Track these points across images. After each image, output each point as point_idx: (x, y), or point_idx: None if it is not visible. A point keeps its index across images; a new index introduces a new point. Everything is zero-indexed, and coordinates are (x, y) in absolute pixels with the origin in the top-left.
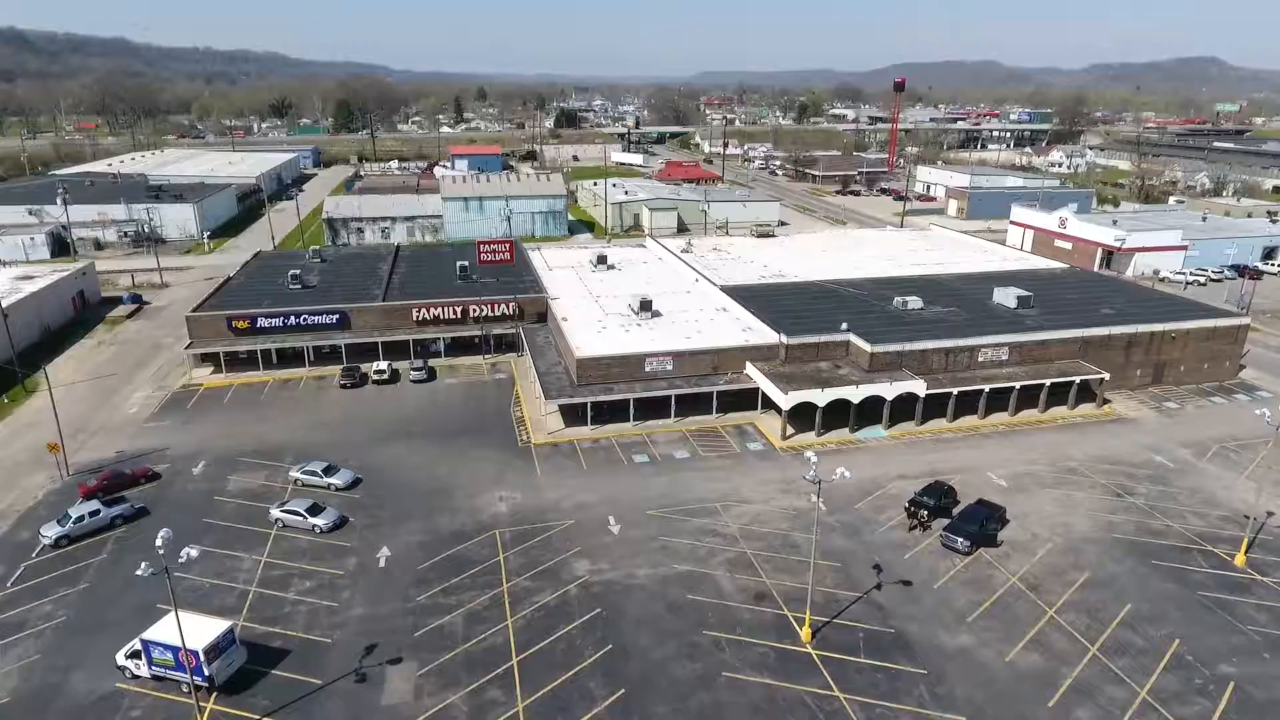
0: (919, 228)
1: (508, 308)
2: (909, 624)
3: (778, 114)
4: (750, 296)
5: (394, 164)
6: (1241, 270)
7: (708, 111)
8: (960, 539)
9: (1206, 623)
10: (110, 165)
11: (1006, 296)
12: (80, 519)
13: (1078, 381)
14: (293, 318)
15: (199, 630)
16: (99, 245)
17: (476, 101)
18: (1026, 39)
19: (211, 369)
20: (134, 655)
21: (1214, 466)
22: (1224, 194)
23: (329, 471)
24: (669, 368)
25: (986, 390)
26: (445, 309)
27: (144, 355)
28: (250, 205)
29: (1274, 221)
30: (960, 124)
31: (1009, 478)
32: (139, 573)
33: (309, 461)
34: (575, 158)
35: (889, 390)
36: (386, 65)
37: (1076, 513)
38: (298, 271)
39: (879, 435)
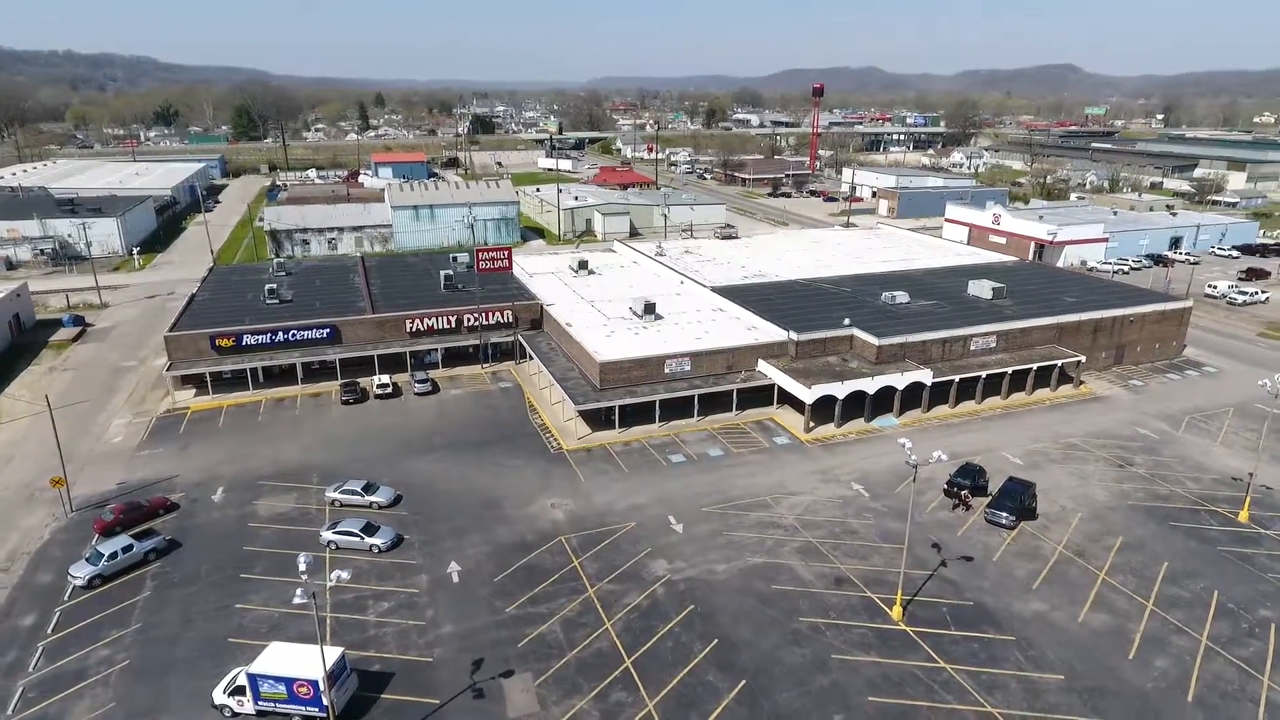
0: (868, 227)
1: (502, 315)
2: (983, 596)
3: (685, 119)
4: (743, 296)
5: (312, 173)
6: (1157, 259)
7: (616, 117)
8: (1004, 514)
9: (1233, 574)
10: (1, 178)
11: (981, 289)
12: (113, 556)
13: (1059, 365)
14: (281, 333)
15: (312, 659)
16: (10, 264)
17: (376, 108)
18: (904, 46)
19: (195, 391)
20: (236, 692)
21: (1191, 436)
22: (1119, 190)
23: (369, 489)
24: (687, 368)
25: (983, 376)
26: (440, 319)
27: (107, 380)
28: (168, 218)
29: (1174, 215)
30: (859, 128)
31: (1022, 456)
32: (297, 600)
33: (345, 481)
34: (499, 164)
35: (900, 380)
36: (267, 70)
37: (1091, 484)
38: (274, 286)
39: (892, 424)
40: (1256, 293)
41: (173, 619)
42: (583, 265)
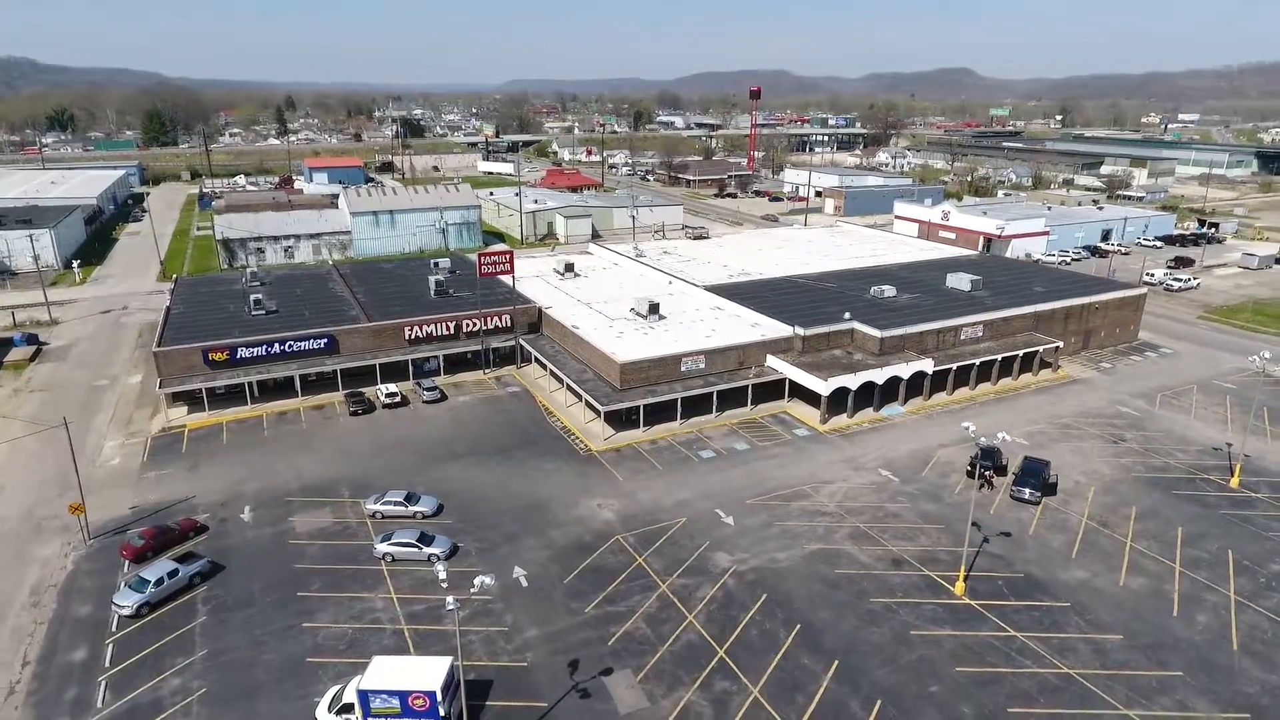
0: (828, 225)
1: (501, 320)
2: (1030, 567)
3: (616, 122)
4: (737, 294)
5: (240, 179)
6: (1093, 250)
7: (541, 120)
8: (1027, 491)
9: (1239, 534)
10: None
11: (960, 281)
12: (159, 582)
13: (1041, 350)
14: (277, 345)
15: (424, 670)
16: None
17: (287, 111)
18: (812, 50)
19: (187, 408)
20: (344, 710)
21: (1167, 411)
22: (1047, 187)
23: (411, 500)
24: (701, 365)
25: (977, 364)
26: (439, 325)
27: (83, 400)
28: (96, 229)
29: (1100, 209)
30: (782, 129)
31: (1025, 436)
32: (449, 608)
33: (384, 492)
34: (435, 168)
35: (906, 370)
36: (160, 72)
37: (1093, 460)
38: (259, 296)
39: (898, 412)
40: (1189, 279)
41: (240, 643)
42: (569, 268)
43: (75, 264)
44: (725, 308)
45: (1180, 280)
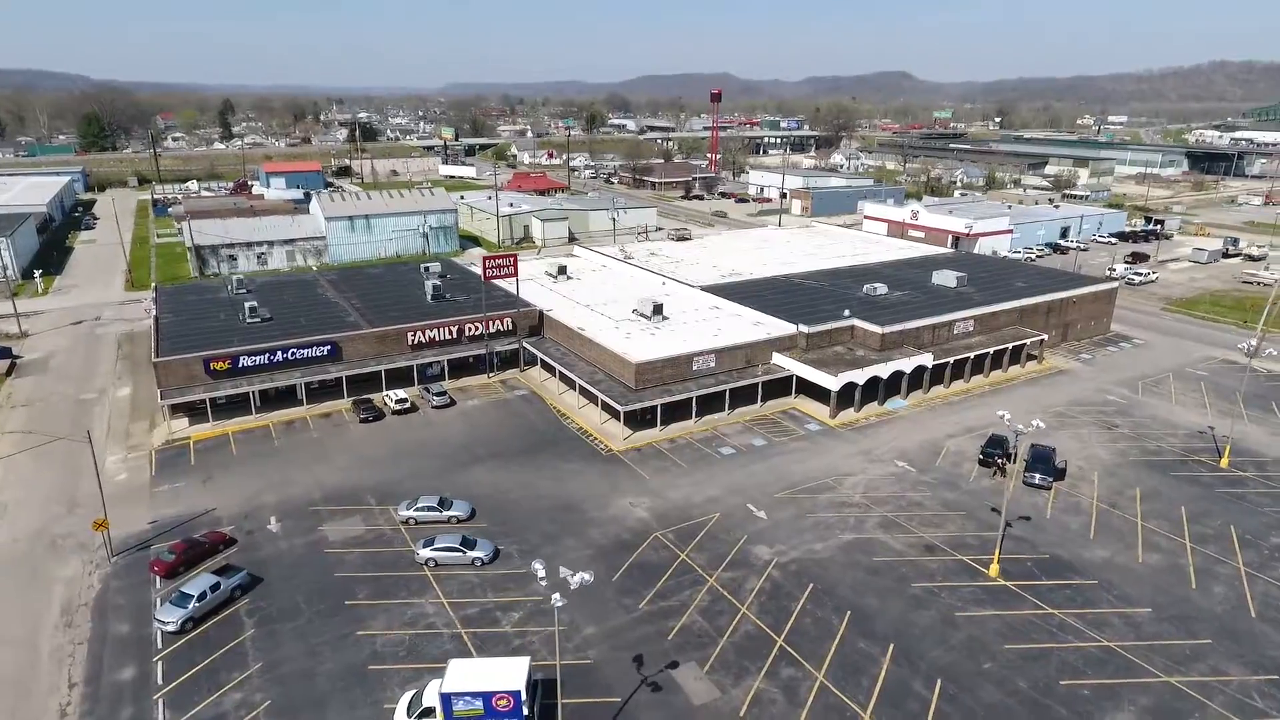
0: (803, 226)
1: (502, 324)
2: (1054, 549)
3: (573, 125)
4: (734, 294)
5: (192, 184)
6: (1055, 247)
7: (492, 123)
8: (1038, 476)
9: (1235, 511)
10: None
11: (946, 278)
12: (202, 596)
13: (1028, 343)
14: (279, 353)
15: (505, 671)
16: None
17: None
18: (753, 54)
19: (189, 420)
20: (425, 714)
21: (1150, 399)
22: (1003, 187)
23: (444, 505)
24: (712, 364)
25: (972, 357)
26: (441, 330)
27: (72, 414)
28: (48, 237)
29: (1056, 207)
30: (733, 131)
31: (1024, 425)
32: (555, 604)
33: (416, 498)
34: (395, 172)
35: (908, 365)
36: (83, 74)
37: (1092, 446)
38: (254, 304)
39: (901, 405)
40: (1148, 274)
41: (295, 654)
42: (561, 270)
43: (38, 274)
44: (724, 307)
45: (1140, 275)
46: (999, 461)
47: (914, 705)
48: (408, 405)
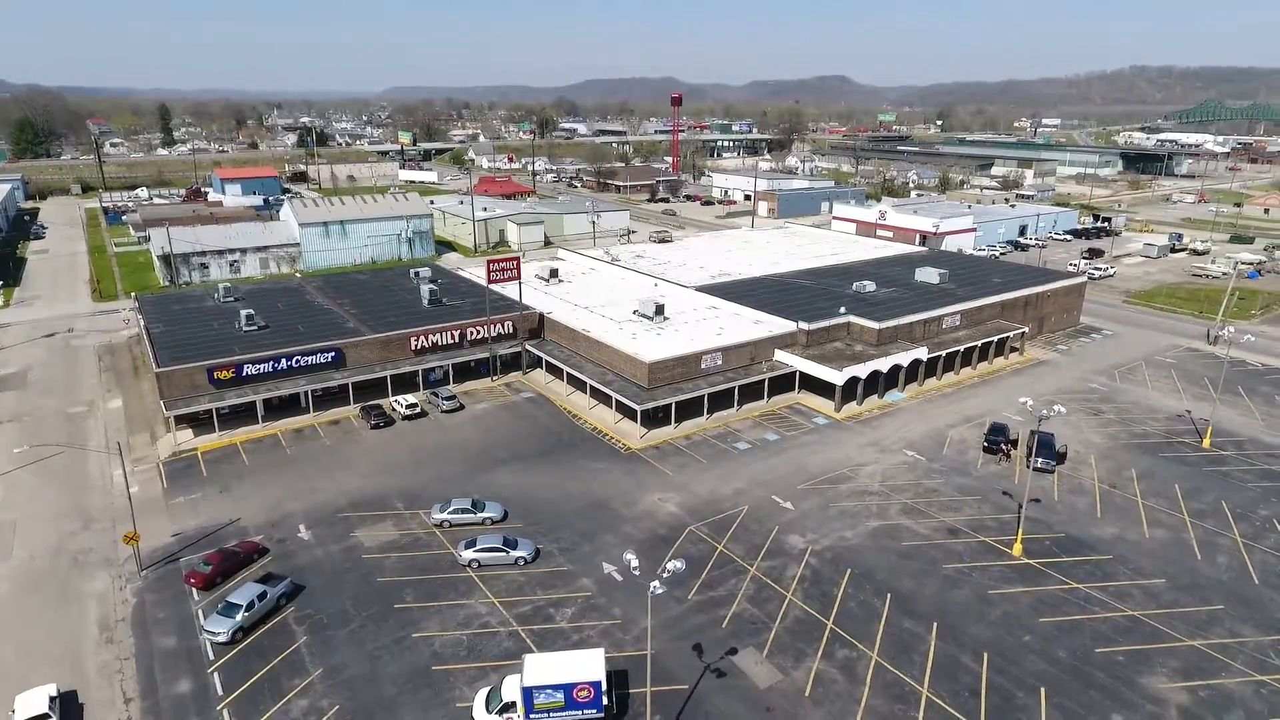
0: (776, 227)
1: (503, 327)
2: (1069, 527)
3: (528, 129)
4: (728, 294)
5: (142, 191)
6: (1015, 245)
7: (446, 128)
8: (1041, 460)
9: (1223, 487)
10: None
11: (929, 275)
12: (250, 606)
13: (1010, 336)
14: (284, 361)
15: (581, 663)
16: None
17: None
18: (697, 58)
19: (192, 431)
20: (505, 709)
21: (1128, 385)
22: (959, 188)
23: (477, 506)
24: (719, 362)
25: (961, 351)
26: (444, 334)
27: (65, 429)
28: None
29: (1013, 206)
30: (684, 134)
31: (1019, 413)
32: (655, 592)
33: (449, 501)
34: (351, 177)
35: (906, 359)
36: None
37: (1084, 430)
38: (250, 312)
39: (900, 398)
40: (1107, 268)
41: (355, 659)
42: (553, 274)
43: None
44: (721, 307)
45: (1100, 269)
46: (1004, 448)
47: (967, 678)
48: (418, 411)
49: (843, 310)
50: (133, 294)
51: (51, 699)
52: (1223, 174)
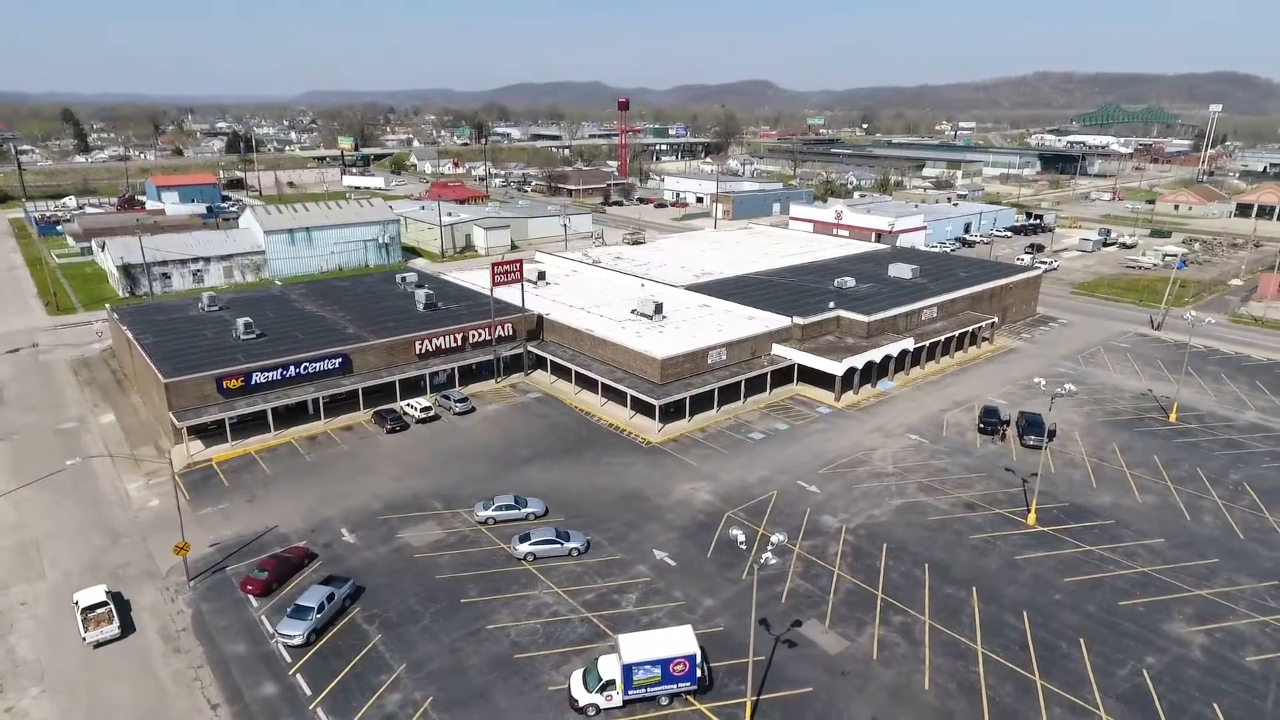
0: (743, 228)
1: (504, 329)
2: (1072, 497)
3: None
4: (718, 292)
5: (70, 200)
6: (962, 242)
7: (379, 133)
8: (1032, 438)
9: (1195, 456)
10: None
11: (902, 270)
12: (320, 608)
13: (982, 325)
14: (292, 368)
15: (676, 639)
16: None
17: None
18: (622, 62)
19: (202, 442)
20: (605, 687)
21: (1091, 368)
22: (901, 188)
23: (520, 503)
24: (723, 357)
25: (943, 340)
26: (448, 338)
27: (59, 446)
28: None
29: (955, 205)
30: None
31: (1002, 396)
32: (769, 563)
33: (492, 499)
34: (291, 184)
35: (895, 349)
36: None
37: (1062, 410)
38: (249, 320)
39: (891, 386)
40: (1051, 262)
41: (436, 653)
42: (541, 276)
43: None
44: (713, 304)
45: (1045, 263)
46: (1001, 428)
47: (1013, 634)
48: (431, 414)
49: (832, 305)
50: (107, 305)
51: (107, 593)
52: (1130, 173)
